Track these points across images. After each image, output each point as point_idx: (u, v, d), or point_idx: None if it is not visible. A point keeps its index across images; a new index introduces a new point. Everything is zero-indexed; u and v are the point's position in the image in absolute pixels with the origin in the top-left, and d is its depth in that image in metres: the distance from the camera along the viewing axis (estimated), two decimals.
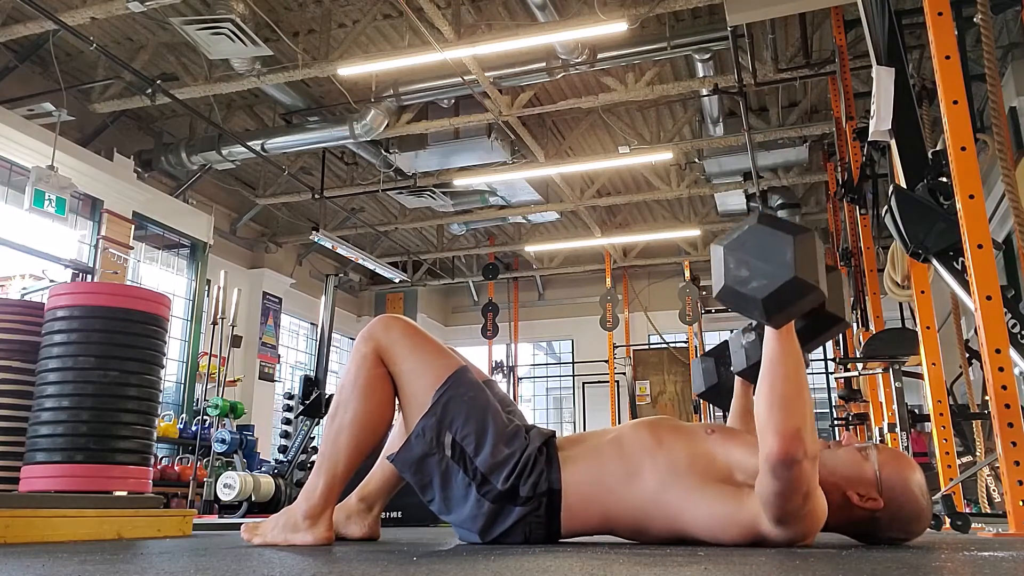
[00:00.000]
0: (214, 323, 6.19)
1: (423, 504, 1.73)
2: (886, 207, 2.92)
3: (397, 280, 11.56)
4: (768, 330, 1.41)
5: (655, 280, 12.48)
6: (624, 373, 11.80)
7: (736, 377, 1.90)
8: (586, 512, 1.61)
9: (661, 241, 11.31)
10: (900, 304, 5.67)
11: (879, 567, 1.08)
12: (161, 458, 7.06)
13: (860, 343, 5.02)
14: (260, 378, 9.87)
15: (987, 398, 2.27)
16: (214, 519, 4.09)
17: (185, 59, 6.93)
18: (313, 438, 5.03)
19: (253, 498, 4.61)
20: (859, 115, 5.34)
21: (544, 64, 6.52)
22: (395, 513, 3.98)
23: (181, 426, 7.45)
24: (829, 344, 10.81)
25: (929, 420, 3.17)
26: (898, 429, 3.72)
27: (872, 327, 4.62)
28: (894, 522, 1.54)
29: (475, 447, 1.62)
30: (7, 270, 6.36)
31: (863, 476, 1.54)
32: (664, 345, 12.06)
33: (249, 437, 5.67)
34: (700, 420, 10.08)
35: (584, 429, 12.36)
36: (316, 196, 8.95)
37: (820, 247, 1.36)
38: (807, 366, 1.65)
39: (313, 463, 2.01)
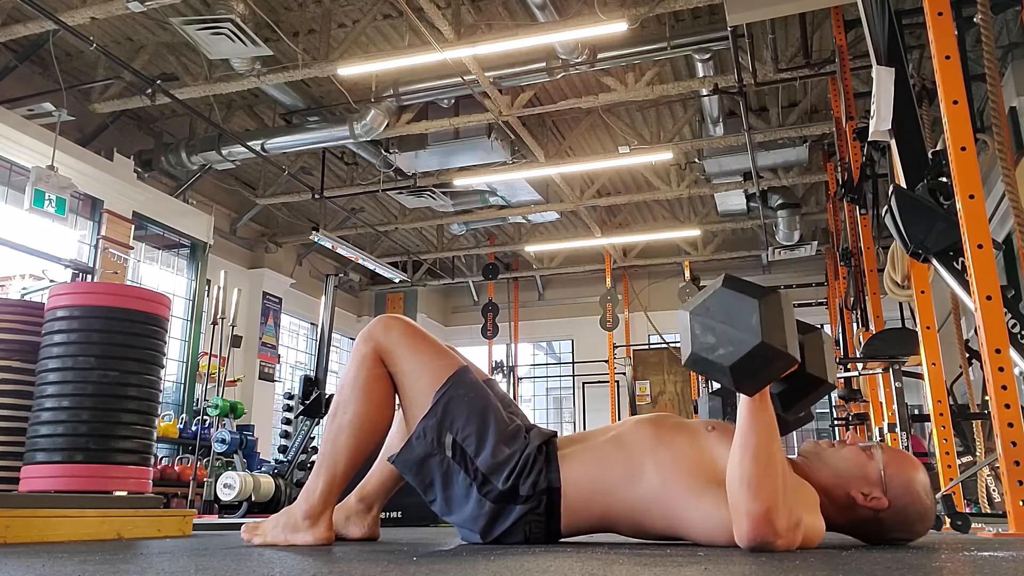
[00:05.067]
0: (214, 323, 6.19)
1: (423, 504, 1.73)
2: (886, 207, 2.92)
3: (397, 280, 11.56)
4: (740, 400, 1.37)
5: (655, 280, 12.48)
6: (624, 373, 11.79)
7: None
8: (586, 509, 1.61)
9: (661, 241, 11.31)
10: (900, 304, 5.66)
11: (879, 567, 1.08)
12: (161, 458, 7.06)
13: (860, 343, 5.02)
14: (260, 378, 9.86)
15: (987, 398, 2.27)
16: (214, 519, 4.09)
17: (185, 59, 6.93)
18: (313, 438, 5.03)
19: (253, 498, 4.61)
20: (859, 115, 5.34)
21: (544, 64, 6.52)
22: (395, 513, 3.98)
23: (181, 426, 7.45)
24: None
25: (929, 420, 3.17)
26: (898, 429, 3.72)
27: (872, 327, 4.62)
28: (898, 522, 1.54)
29: (476, 447, 1.62)
30: (7, 270, 6.36)
31: (867, 475, 1.54)
32: (664, 345, 12.05)
33: (249, 437, 5.67)
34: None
35: (584, 429, 12.36)
36: (316, 196, 8.95)
37: (790, 307, 1.32)
38: (809, 420, 1.60)
39: (313, 463, 2.02)
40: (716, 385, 1.93)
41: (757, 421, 1.34)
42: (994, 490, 4.39)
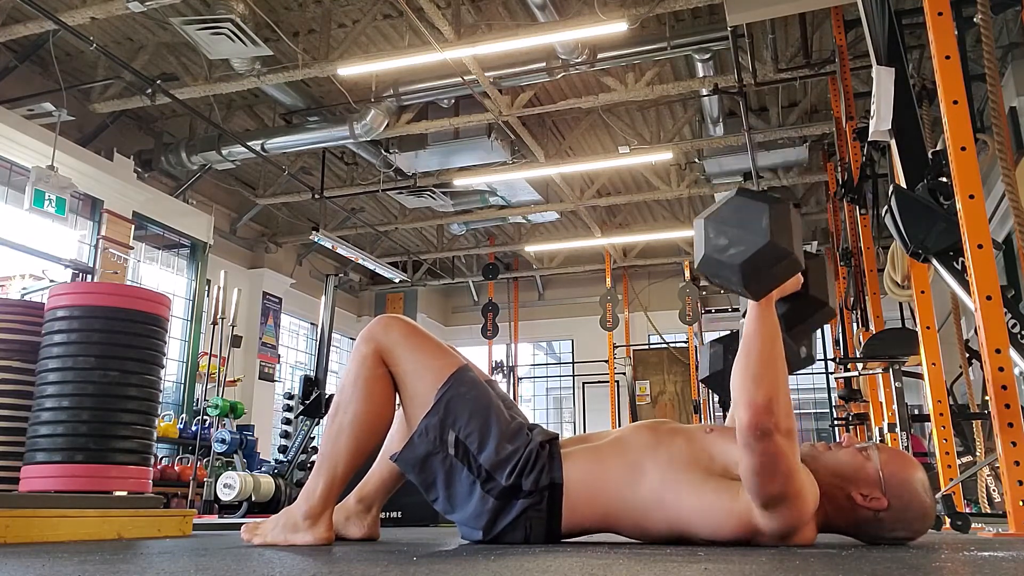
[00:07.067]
0: (214, 323, 6.19)
1: (423, 504, 1.73)
2: (886, 207, 2.92)
3: (397, 280, 11.56)
4: (749, 306, 1.44)
5: (655, 280, 12.48)
6: (624, 373, 11.79)
7: None
8: (588, 508, 1.61)
9: (661, 241, 11.31)
10: (900, 304, 5.66)
11: (879, 567, 1.08)
12: (161, 458, 7.06)
13: (860, 343, 5.02)
14: (260, 378, 9.86)
15: (987, 398, 2.27)
16: (214, 519, 4.09)
17: (185, 59, 6.93)
18: (313, 438, 5.03)
19: (253, 498, 4.61)
20: (859, 115, 5.34)
21: (544, 64, 6.52)
22: (395, 513, 3.98)
23: (181, 426, 7.45)
24: (829, 344, 10.82)
25: (929, 420, 3.17)
26: (898, 429, 3.72)
27: (872, 327, 4.62)
28: (898, 521, 1.54)
29: (479, 445, 1.63)
30: (7, 270, 6.37)
31: (866, 476, 1.54)
32: (664, 345, 12.06)
33: (249, 437, 5.67)
34: (700, 421, 10.09)
35: (584, 429, 12.37)
36: (316, 196, 8.95)
37: (798, 219, 1.41)
38: (812, 362, 1.66)
39: (313, 463, 2.01)
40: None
41: (762, 325, 1.42)
42: (994, 490, 4.39)
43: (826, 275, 1.56)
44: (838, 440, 1.65)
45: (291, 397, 5.07)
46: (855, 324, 5.52)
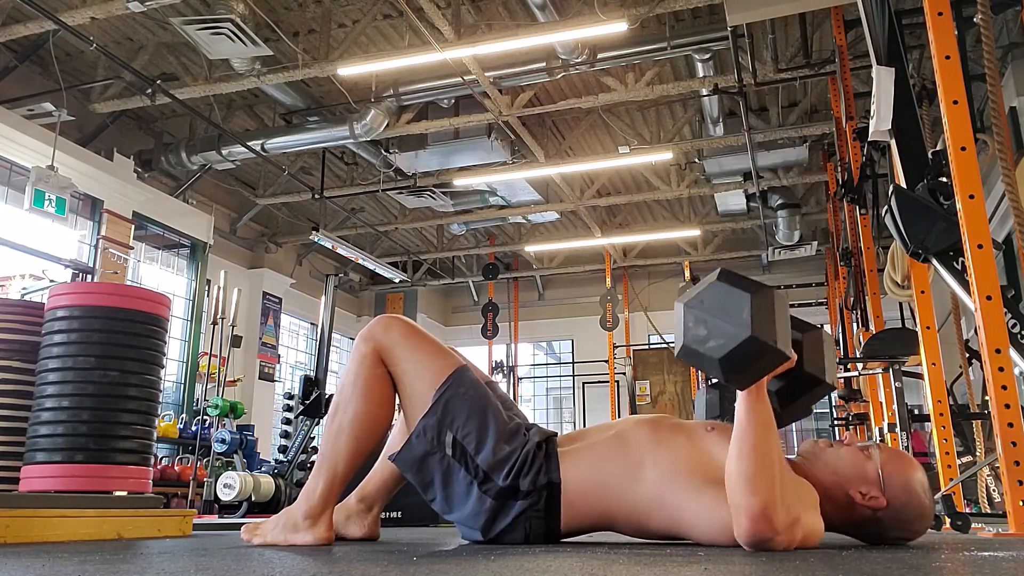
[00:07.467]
0: (214, 323, 6.19)
1: (423, 504, 1.73)
2: (886, 207, 2.92)
3: (397, 280, 11.56)
4: (737, 394, 1.38)
5: (655, 280, 12.48)
6: (624, 373, 11.80)
7: None
8: (586, 507, 1.61)
9: (661, 241, 11.32)
10: (900, 304, 5.67)
11: (879, 567, 1.08)
12: (161, 458, 7.06)
13: (860, 343, 5.02)
14: (260, 378, 9.86)
15: (987, 398, 2.27)
16: (214, 519, 4.08)
17: (185, 59, 6.93)
18: (313, 438, 5.03)
19: (253, 498, 4.61)
20: (859, 115, 5.34)
21: (544, 64, 6.52)
22: (395, 513, 3.98)
23: (181, 426, 7.45)
24: None
25: (929, 420, 3.17)
26: (898, 429, 3.72)
27: (872, 327, 4.62)
28: (897, 521, 1.54)
29: (476, 445, 1.63)
30: (7, 270, 6.37)
31: (865, 475, 1.54)
32: (664, 345, 12.05)
33: (249, 437, 5.67)
34: None
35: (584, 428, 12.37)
36: (316, 196, 8.95)
37: (784, 305, 1.32)
38: (809, 412, 1.61)
39: (313, 463, 2.01)
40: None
41: (753, 416, 1.36)
42: (994, 490, 4.39)
43: (823, 348, 1.47)
44: (839, 439, 1.64)
45: (291, 397, 5.08)
46: (855, 324, 5.52)
